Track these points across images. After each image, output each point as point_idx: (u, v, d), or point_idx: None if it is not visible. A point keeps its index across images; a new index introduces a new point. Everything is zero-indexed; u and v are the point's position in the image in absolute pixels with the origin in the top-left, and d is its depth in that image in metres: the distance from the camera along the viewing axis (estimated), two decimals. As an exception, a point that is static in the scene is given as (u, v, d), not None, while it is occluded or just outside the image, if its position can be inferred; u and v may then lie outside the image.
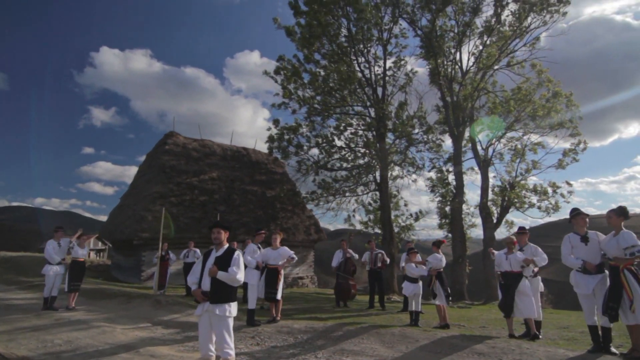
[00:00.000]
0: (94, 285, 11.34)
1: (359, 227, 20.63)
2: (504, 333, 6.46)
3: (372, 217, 20.87)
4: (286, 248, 7.67)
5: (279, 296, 7.40)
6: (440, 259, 7.64)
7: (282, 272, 7.59)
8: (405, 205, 21.08)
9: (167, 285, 11.54)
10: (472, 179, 26.52)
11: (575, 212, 5.25)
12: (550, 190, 15.47)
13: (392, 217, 19.66)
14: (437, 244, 8.12)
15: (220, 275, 4.21)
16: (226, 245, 4.53)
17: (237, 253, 4.47)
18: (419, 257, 7.92)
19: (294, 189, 21.02)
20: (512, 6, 15.64)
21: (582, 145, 15.22)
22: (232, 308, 4.28)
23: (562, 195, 15.39)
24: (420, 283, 7.67)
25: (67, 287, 8.42)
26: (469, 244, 18.65)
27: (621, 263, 4.54)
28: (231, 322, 4.27)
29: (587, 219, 5.19)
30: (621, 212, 4.74)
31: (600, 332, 4.87)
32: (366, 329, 6.52)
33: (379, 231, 19.14)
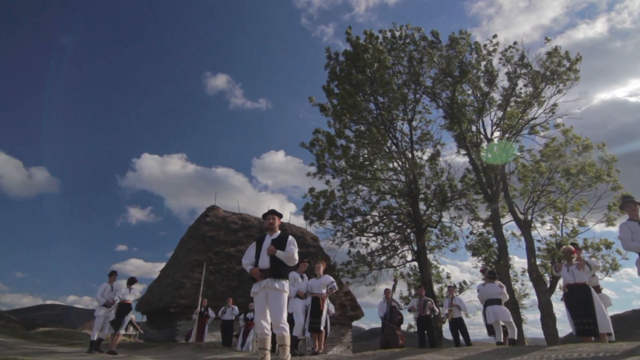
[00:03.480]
0: (132, 340, 11.07)
1: (398, 300, 19.51)
2: None
3: (413, 291, 19.81)
4: (328, 276, 7.60)
5: (322, 326, 7.07)
6: None
7: (326, 301, 7.39)
8: (448, 277, 20.09)
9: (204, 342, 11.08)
10: (515, 244, 25.15)
11: (626, 200, 5.21)
12: (603, 247, 14.53)
13: (435, 291, 18.59)
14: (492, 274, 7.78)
15: (279, 253, 4.44)
16: (279, 231, 4.81)
17: (291, 237, 4.73)
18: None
19: (329, 262, 20.66)
20: (526, 77, 17.04)
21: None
22: (287, 285, 4.44)
23: (619, 252, 14.35)
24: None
25: (110, 326, 8.39)
26: None
27: None
28: (286, 298, 4.37)
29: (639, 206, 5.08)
30: None
31: None
32: (427, 350, 6.00)
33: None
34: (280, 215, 4.96)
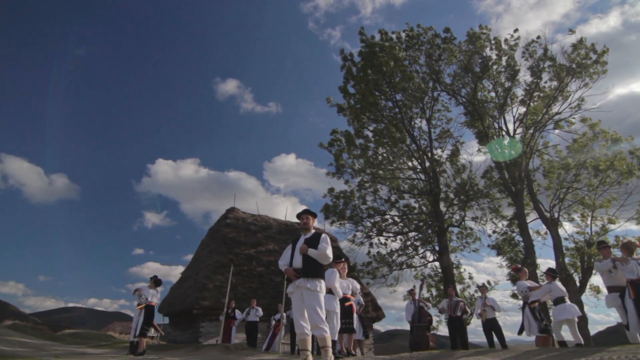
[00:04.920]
0: (155, 342, 11.13)
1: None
2: None
3: (434, 292, 19.46)
4: (355, 282, 7.49)
5: (356, 325, 6.97)
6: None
7: (354, 301, 7.27)
8: (470, 277, 19.65)
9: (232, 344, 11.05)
10: (539, 244, 24.54)
11: None
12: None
13: (458, 291, 18.21)
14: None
15: (311, 252, 4.33)
16: (313, 231, 4.70)
17: (325, 235, 4.63)
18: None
19: (349, 263, 20.45)
20: (550, 70, 16.54)
21: (660, 193, 14.12)
22: (322, 285, 4.30)
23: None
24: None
25: (138, 330, 8.42)
26: None
27: None
28: (322, 298, 4.25)
29: None
30: None
31: None
32: (470, 352, 5.80)
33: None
34: (314, 215, 4.87)
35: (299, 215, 4.83)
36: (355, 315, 7.04)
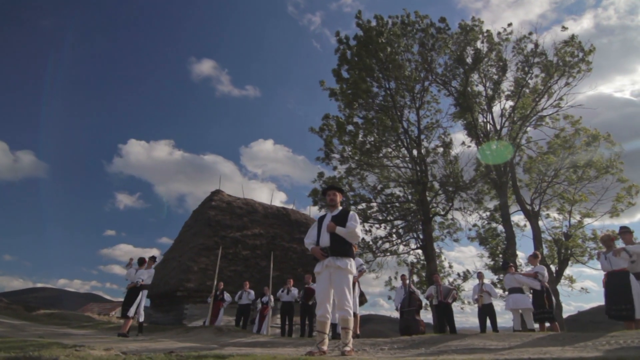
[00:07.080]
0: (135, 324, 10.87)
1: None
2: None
3: (416, 278, 19.89)
4: (357, 258, 7.48)
5: (356, 309, 6.98)
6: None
7: (357, 283, 7.28)
8: (450, 267, 20.17)
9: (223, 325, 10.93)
10: (518, 236, 25.43)
11: None
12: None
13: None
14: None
15: (339, 230, 4.11)
16: (340, 208, 4.51)
17: (353, 213, 4.44)
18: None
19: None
20: (540, 66, 16.84)
21: (634, 189, 14.78)
22: (353, 264, 4.14)
23: (626, 243, 14.46)
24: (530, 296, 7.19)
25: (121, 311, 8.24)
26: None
27: None
28: (351, 279, 4.10)
29: None
30: None
31: None
32: (467, 335, 5.92)
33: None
34: (341, 191, 4.62)
35: (324, 192, 4.57)
36: (357, 297, 7.06)
